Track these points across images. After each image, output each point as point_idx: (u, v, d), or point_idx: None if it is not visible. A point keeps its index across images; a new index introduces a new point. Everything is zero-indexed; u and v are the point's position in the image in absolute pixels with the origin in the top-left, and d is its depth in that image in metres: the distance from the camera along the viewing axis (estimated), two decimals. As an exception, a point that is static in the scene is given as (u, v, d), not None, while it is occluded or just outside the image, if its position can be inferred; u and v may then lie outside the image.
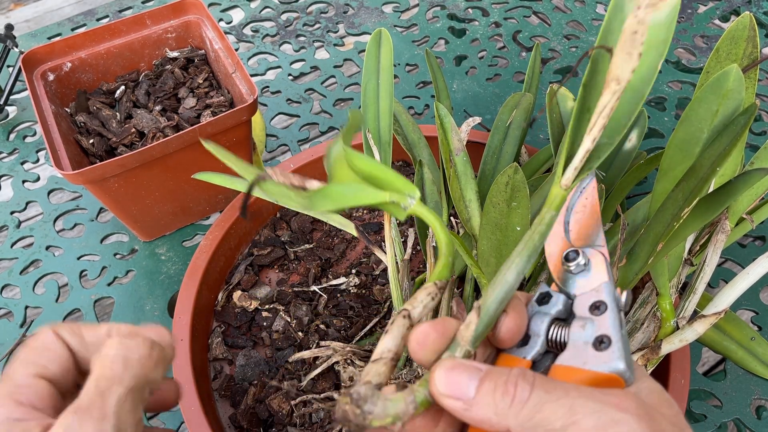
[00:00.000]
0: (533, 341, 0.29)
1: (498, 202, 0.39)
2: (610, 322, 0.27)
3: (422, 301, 0.31)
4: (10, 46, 0.68)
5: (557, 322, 0.29)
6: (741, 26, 0.39)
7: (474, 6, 0.85)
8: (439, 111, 0.47)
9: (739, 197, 0.39)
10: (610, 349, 0.26)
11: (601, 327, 0.27)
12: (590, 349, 0.26)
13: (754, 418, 0.49)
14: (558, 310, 0.29)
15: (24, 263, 0.58)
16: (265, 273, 0.56)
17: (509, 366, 0.27)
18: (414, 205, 0.33)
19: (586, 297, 0.28)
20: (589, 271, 0.29)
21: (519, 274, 0.30)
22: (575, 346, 0.27)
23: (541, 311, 0.29)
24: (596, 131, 0.27)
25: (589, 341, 0.27)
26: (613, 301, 0.27)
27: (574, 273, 0.29)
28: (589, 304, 0.28)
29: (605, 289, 0.28)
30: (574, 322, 0.28)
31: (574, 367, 0.26)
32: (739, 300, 0.55)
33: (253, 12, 0.83)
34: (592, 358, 0.26)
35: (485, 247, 0.40)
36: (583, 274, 0.29)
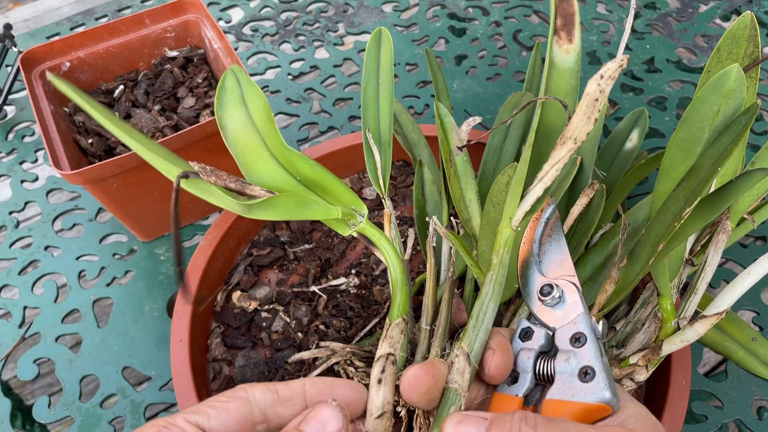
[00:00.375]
0: (522, 378, 0.30)
1: (498, 202, 0.38)
2: (591, 353, 0.28)
3: (399, 340, 0.33)
4: (8, 46, 0.68)
5: (543, 356, 0.30)
6: (742, 25, 0.39)
7: (474, 5, 0.84)
8: (439, 111, 0.47)
9: (740, 197, 0.39)
10: (595, 379, 0.27)
11: (583, 358, 0.28)
12: (576, 380, 0.28)
13: (755, 419, 0.49)
14: (541, 344, 0.30)
15: (23, 263, 0.58)
16: (265, 273, 0.56)
17: (504, 404, 0.30)
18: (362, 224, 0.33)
19: (565, 329, 0.30)
20: (564, 302, 0.31)
21: (493, 317, 0.31)
22: (562, 380, 0.28)
23: (526, 347, 0.31)
24: (548, 180, 0.29)
25: (575, 373, 0.28)
26: (590, 331, 0.29)
27: (551, 305, 0.31)
28: (569, 337, 0.29)
29: (582, 321, 0.29)
30: (559, 355, 0.29)
31: (564, 401, 0.28)
32: (741, 300, 0.55)
33: (253, 11, 0.83)
34: (579, 390, 0.27)
35: (485, 247, 0.40)
36: (559, 306, 0.31)
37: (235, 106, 0.33)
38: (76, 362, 0.51)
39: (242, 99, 0.34)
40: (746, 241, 0.61)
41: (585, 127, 0.26)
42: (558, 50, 0.33)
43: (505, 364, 0.30)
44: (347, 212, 0.32)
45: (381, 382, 0.32)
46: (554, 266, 0.32)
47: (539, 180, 0.29)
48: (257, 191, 0.29)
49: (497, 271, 0.32)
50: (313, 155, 0.58)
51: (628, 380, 0.41)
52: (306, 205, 0.31)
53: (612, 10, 0.84)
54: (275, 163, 0.31)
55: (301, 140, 0.68)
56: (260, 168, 0.31)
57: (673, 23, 0.83)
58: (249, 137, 0.32)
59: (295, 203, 0.30)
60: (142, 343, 0.52)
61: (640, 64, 0.77)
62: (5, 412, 0.49)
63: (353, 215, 0.33)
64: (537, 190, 0.30)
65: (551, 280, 0.31)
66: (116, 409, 0.49)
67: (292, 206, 0.30)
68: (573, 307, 0.30)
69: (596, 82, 0.25)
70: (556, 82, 0.34)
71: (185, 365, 0.44)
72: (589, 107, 0.26)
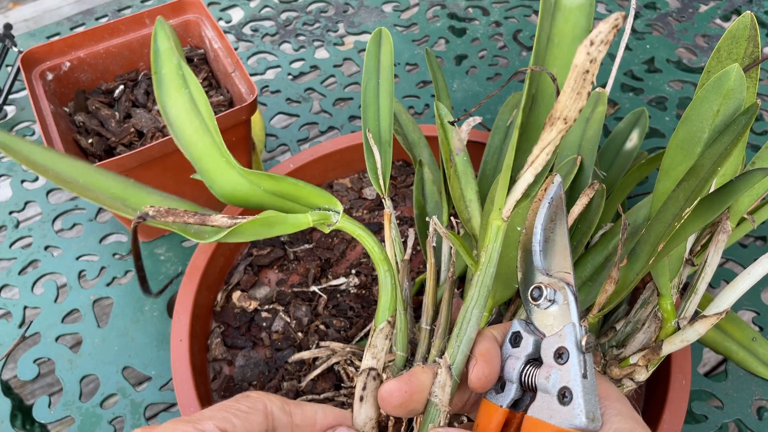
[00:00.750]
0: (508, 387, 0.29)
1: (498, 202, 0.38)
2: (572, 373, 0.27)
3: (383, 348, 0.32)
4: (8, 46, 0.68)
5: (530, 364, 0.29)
6: (742, 25, 0.39)
7: (474, 5, 0.84)
8: (439, 110, 0.47)
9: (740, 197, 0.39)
10: (572, 404, 0.26)
11: (563, 378, 0.27)
12: (555, 401, 0.27)
13: (755, 419, 0.49)
14: (528, 352, 0.29)
15: (23, 263, 0.58)
16: (265, 273, 0.56)
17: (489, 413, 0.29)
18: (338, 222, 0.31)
19: (551, 341, 0.28)
20: (557, 304, 0.29)
21: (478, 324, 0.30)
22: (542, 398, 0.28)
23: (514, 355, 0.30)
24: (539, 164, 0.26)
25: (554, 393, 0.27)
26: (575, 347, 0.27)
27: (542, 309, 0.29)
28: (553, 351, 0.28)
29: (568, 335, 0.28)
30: (542, 369, 0.28)
31: (541, 421, 0.27)
32: (741, 300, 0.55)
33: (253, 11, 0.83)
34: (556, 413, 0.27)
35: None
36: (551, 308, 0.29)
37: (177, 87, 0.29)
38: (76, 362, 0.51)
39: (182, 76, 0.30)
40: (746, 241, 0.61)
41: (576, 105, 0.22)
42: None
43: (487, 375, 0.29)
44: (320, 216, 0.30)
45: (363, 400, 0.31)
46: (554, 259, 0.30)
47: (529, 165, 0.26)
48: (219, 221, 0.27)
49: (484, 272, 0.30)
50: (313, 155, 0.58)
51: (628, 380, 0.41)
52: (273, 224, 0.28)
53: (612, 10, 0.84)
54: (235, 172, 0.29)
55: (301, 140, 0.68)
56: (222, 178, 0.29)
57: (673, 23, 0.83)
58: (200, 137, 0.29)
59: (260, 225, 0.28)
60: (142, 343, 0.52)
61: (641, 64, 0.77)
62: (5, 412, 0.49)
63: (327, 216, 0.31)
64: (527, 176, 0.27)
65: (545, 280, 0.30)
66: (116, 409, 0.49)
67: (259, 228, 0.28)
68: (562, 314, 0.28)
69: (585, 50, 0.21)
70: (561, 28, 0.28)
71: (185, 365, 0.44)
72: (578, 81, 0.22)
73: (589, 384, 0.27)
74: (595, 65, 0.22)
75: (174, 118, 0.29)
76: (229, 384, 0.48)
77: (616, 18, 0.20)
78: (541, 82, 0.28)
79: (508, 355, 0.30)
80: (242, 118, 0.51)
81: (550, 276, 0.30)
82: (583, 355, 0.27)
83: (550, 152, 0.25)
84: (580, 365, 0.27)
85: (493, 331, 0.31)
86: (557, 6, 0.27)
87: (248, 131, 0.54)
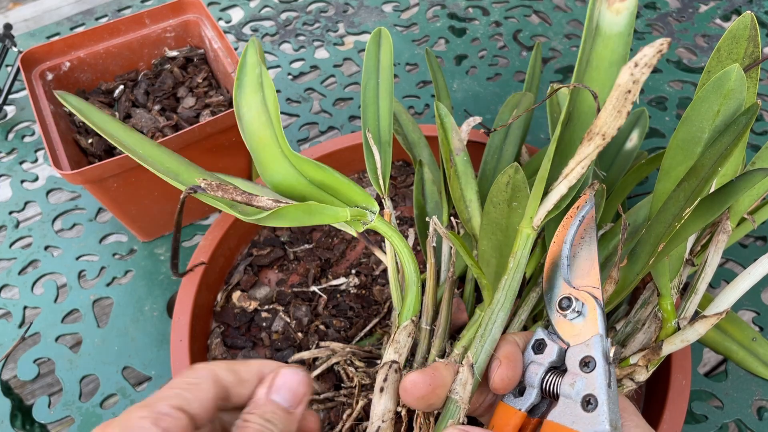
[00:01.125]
0: (528, 392, 0.30)
1: (499, 201, 0.38)
2: (598, 381, 0.27)
3: (405, 344, 0.32)
4: (8, 46, 0.68)
5: (552, 372, 0.30)
6: (742, 25, 0.39)
7: (474, 5, 0.84)
8: (439, 110, 0.47)
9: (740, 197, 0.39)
10: (596, 411, 0.27)
11: (589, 385, 0.28)
12: (579, 408, 0.27)
13: (756, 419, 0.49)
14: (552, 359, 0.30)
15: (23, 263, 0.58)
16: (265, 273, 0.56)
17: (507, 416, 0.29)
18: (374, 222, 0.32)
19: (577, 350, 0.29)
20: (582, 318, 0.30)
21: (502, 326, 0.30)
22: (565, 403, 0.28)
23: (537, 360, 0.30)
24: (573, 177, 0.27)
25: (578, 400, 0.28)
26: (602, 357, 0.28)
27: (569, 320, 0.30)
28: (579, 359, 0.29)
29: (595, 345, 0.28)
30: (566, 377, 0.29)
31: (563, 426, 0.27)
32: (741, 300, 0.55)
33: (253, 11, 0.83)
34: (580, 419, 0.27)
35: (486, 247, 0.40)
36: (577, 320, 0.30)
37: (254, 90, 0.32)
38: (76, 362, 0.51)
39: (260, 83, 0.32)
40: (746, 241, 0.61)
41: (615, 122, 0.24)
42: (607, 11, 0.28)
43: (510, 377, 0.30)
44: (357, 213, 0.32)
45: (383, 391, 0.32)
46: (581, 273, 0.31)
47: (564, 177, 0.27)
48: (264, 202, 0.28)
49: (512, 277, 0.30)
50: (313, 155, 0.58)
51: (628, 380, 0.41)
52: (312, 212, 0.30)
53: (612, 10, 0.84)
54: (287, 163, 0.31)
55: (301, 140, 0.68)
56: (274, 167, 0.31)
57: (673, 23, 0.83)
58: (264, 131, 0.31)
59: (302, 212, 0.29)
60: (142, 343, 0.52)
61: (640, 64, 0.77)
62: (5, 412, 0.49)
63: (364, 214, 0.32)
64: (561, 188, 0.27)
65: (574, 291, 0.30)
66: (116, 409, 0.49)
67: (300, 215, 0.30)
68: (590, 325, 0.29)
69: (629, 71, 0.22)
70: (600, 52, 0.29)
71: (185, 365, 0.44)
72: (619, 100, 0.23)
73: (612, 394, 0.27)
74: (637, 86, 0.23)
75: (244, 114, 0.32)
76: (229, 384, 0.48)
77: (661, 43, 0.21)
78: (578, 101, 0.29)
79: (530, 361, 0.30)
80: (242, 118, 0.51)
81: (576, 289, 0.30)
82: (609, 365, 0.28)
83: (585, 166, 0.26)
84: (606, 375, 0.27)
85: (515, 337, 0.32)
86: (597, 32, 0.29)
87: (248, 131, 0.54)
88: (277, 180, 0.30)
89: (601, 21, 0.29)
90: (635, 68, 0.22)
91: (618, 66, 0.29)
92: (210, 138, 0.51)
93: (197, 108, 0.56)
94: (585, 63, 0.29)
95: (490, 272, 0.40)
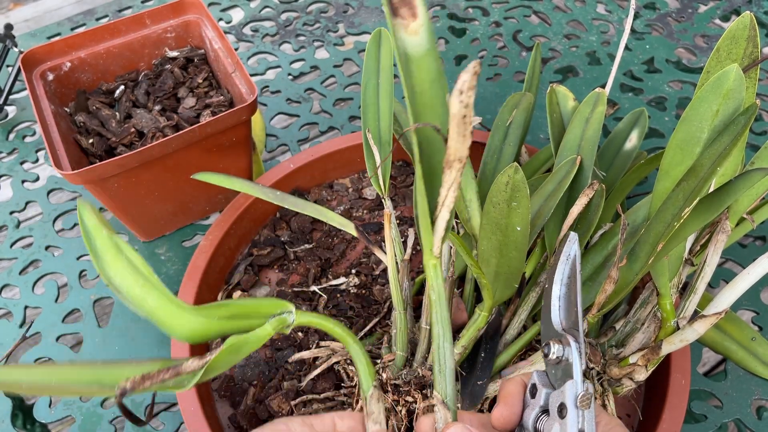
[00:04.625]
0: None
1: (498, 201, 0.38)
2: (569, 429, 0.29)
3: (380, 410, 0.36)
4: (9, 46, 0.68)
5: (544, 414, 0.31)
6: (741, 26, 0.39)
7: (474, 5, 0.84)
8: (439, 111, 0.47)
9: (739, 197, 0.39)
10: None
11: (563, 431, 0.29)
12: None
13: (755, 419, 0.49)
14: (542, 404, 0.31)
15: (23, 263, 0.58)
16: (265, 273, 0.56)
17: None
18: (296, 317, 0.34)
19: (556, 395, 0.30)
20: (565, 360, 0.31)
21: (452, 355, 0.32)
22: None
23: (531, 404, 0.32)
24: (450, 202, 0.29)
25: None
26: (573, 404, 0.29)
27: (553, 364, 0.31)
28: (557, 405, 0.30)
29: (568, 391, 0.29)
30: (548, 421, 0.30)
31: None
32: (740, 300, 0.55)
33: (253, 12, 0.83)
34: None
35: (485, 247, 0.40)
36: (559, 366, 0.31)
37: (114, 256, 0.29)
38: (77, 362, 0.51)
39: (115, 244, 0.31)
40: (746, 240, 0.61)
41: (464, 146, 0.25)
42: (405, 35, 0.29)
43: (506, 416, 0.31)
44: (277, 322, 0.33)
45: None
46: (568, 313, 0.32)
47: (441, 205, 0.29)
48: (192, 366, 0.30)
49: (438, 308, 0.32)
50: (313, 155, 0.58)
51: (628, 380, 0.41)
52: (239, 348, 0.31)
53: (612, 10, 0.84)
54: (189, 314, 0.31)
55: (301, 140, 0.68)
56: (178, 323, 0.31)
57: (673, 23, 0.83)
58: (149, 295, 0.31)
59: (230, 354, 0.31)
60: (143, 342, 0.53)
61: (640, 65, 0.77)
62: (6, 412, 0.49)
63: (284, 320, 0.33)
64: (444, 215, 0.29)
65: (556, 337, 0.31)
66: (117, 408, 0.49)
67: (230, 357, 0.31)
68: (566, 371, 0.30)
69: (457, 99, 0.24)
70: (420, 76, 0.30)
71: (186, 365, 0.44)
72: (460, 126, 0.24)
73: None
74: (469, 109, 0.24)
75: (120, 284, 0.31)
76: (229, 384, 0.49)
77: (473, 66, 0.23)
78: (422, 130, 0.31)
79: (528, 403, 0.32)
80: (242, 119, 0.51)
81: (563, 331, 0.32)
82: (581, 411, 0.29)
83: (455, 189, 0.28)
84: (577, 422, 0.29)
85: (524, 378, 0.33)
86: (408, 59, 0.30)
87: (248, 131, 0.55)
88: (188, 332, 0.31)
89: (407, 48, 0.30)
90: (461, 95, 0.24)
91: (439, 81, 0.31)
92: (210, 138, 0.51)
93: (198, 108, 0.56)
94: (411, 91, 0.31)
95: (489, 272, 0.40)
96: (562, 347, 0.31)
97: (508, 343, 0.45)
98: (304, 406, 0.46)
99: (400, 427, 0.40)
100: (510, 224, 0.38)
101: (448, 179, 0.27)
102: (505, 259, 0.39)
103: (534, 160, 0.54)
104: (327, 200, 0.61)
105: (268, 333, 0.32)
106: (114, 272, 0.31)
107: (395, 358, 0.42)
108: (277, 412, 0.46)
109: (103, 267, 0.31)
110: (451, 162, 0.26)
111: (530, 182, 0.46)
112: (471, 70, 0.23)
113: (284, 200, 0.48)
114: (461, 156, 0.26)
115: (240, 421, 0.46)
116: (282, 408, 0.46)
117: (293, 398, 0.46)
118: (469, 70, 0.23)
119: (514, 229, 0.38)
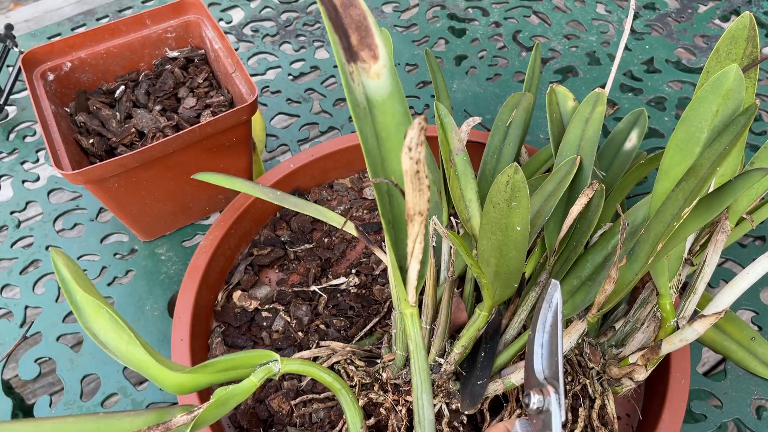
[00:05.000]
0: None
1: (498, 201, 0.38)
2: None
3: None
4: (9, 46, 0.68)
5: None
6: (741, 26, 0.39)
7: (474, 6, 0.85)
8: (438, 111, 0.47)
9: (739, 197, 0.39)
10: None
11: None
12: None
13: (755, 418, 0.49)
14: None
15: (24, 263, 0.58)
16: (265, 273, 0.56)
17: None
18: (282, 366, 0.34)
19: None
20: (545, 410, 0.31)
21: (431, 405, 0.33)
22: None
23: None
24: (418, 253, 0.29)
25: None
26: None
27: (534, 414, 0.32)
28: None
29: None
30: None
31: None
32: (740, 300, 0.55)
33: (253, 12, 0.83)
34: None
35: (485, 247, 0.40)
36: (539, 416, 0.31)
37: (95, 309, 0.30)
38: (77, 361, 0.51)
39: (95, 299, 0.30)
40: (745, 240, 0.61)
41: (422, 200, 0.25)
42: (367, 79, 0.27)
43: None
44: (264, 372, 0.34)
45: None
46: (548, 363, 0.33)
47: (411, 256, 0.29)
48: (181, 420, 0.30)
49: (417, 358, 0.33)
50: (314, 155, 0.58)
51: (628, 379, 0.41)
52: (226, 401, 0.32)
53: (611, 10, 0.84)
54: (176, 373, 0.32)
55: (301, 140, 0.68)
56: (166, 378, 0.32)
57: (673, 24, 0.83)
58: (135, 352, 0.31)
59: (217, 407, 0.31)
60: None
61: (640, 65, 0.77)
62: (6, 412, 0.49)
63: (269, 369, 0.34)
64: (414, 266, 0.29)
65: (538, 386, 0.32)
66: (117, 408, 0.49)
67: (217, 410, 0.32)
68: (546, 422, 0.31)
69: (407, 156, 0.23)
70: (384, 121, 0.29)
71: (186, 365, 0.45)
72: (414, 182, 0.24)
73: None
74: (421, 164, 0.24)
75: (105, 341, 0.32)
76: (229, 383, 0.49)
77: (419, 122, 0.22)
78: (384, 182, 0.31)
79: None
80: (243, 119, 0.51)
81: (545, 379, 0.32)
82: None
83: (422, 241, 0.28)
84: None
85: (507, 425, 0.34)
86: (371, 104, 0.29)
87: (249, 131, 0.55)
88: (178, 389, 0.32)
89: (368, 93, 0.28)
90: (410, 152, 0.24)
91: (405, 124, 0.30)
92: (211, 138, 0.51)
93: (198, 108, 0.56)
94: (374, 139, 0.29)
95: (489, 272, 0.40)
96: (543, 398, 0.31)
97: (508, 343, 0.45)
98: (304, 406, 0.46)
99: (400, 427, 0.40)
100: (510, 224, 0.38)
101: (413, 232, 0.27)
102: (504, 258, 0.39)
103: (534, 160, 0.54)
104: (327, 200, 0.61)
105: (254, 384, 0.33)
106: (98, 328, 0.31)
107: (395, 358, 0.42)
108: (277, 411, 0.46)
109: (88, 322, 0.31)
110: (412, 216, 0.26)
111: (530, 182, 0.46)
112: (417, 126, 0.22)
113: (284, 200, 0.48)
114: (421, 209, 0.26)
115: (240, 421, 0.46)
116: (282, 407, 0.46)
117: (293, 398, 0.46)
118: (415, 126, 0.22)
119: (513, 229, 0.38)
